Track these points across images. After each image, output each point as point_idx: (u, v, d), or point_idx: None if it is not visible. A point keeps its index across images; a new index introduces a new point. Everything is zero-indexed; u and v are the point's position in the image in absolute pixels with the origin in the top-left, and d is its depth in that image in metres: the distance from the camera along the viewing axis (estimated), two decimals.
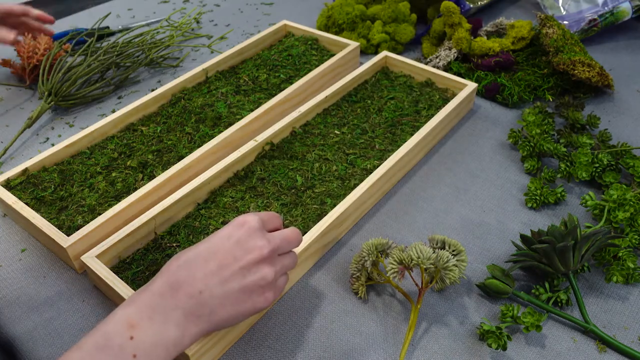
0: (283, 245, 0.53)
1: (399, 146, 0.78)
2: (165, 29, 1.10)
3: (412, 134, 0.81)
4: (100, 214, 0.67)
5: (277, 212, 0.69)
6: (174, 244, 0.65)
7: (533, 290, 0.61)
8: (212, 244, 0.50)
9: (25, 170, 0.73)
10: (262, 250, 0.50)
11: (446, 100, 0.88)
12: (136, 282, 0.61)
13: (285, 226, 0.67)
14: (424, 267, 0.55)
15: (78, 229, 0.65)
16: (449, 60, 0.97)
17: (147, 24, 1.16)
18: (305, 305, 0.62)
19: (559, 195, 0.72)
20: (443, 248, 0.60)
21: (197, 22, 1.18)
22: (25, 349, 0.58)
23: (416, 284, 0.59)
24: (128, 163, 0.76)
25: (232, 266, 0.49)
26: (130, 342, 0.44)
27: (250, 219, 0.51)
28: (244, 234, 0.50)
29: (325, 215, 0.67)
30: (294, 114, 0.81)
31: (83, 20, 1.20)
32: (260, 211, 0.63)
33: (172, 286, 0.47)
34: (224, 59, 0.95)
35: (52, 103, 0.89)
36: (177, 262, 0.49)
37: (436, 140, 0.83)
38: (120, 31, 1.13)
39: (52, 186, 0.72)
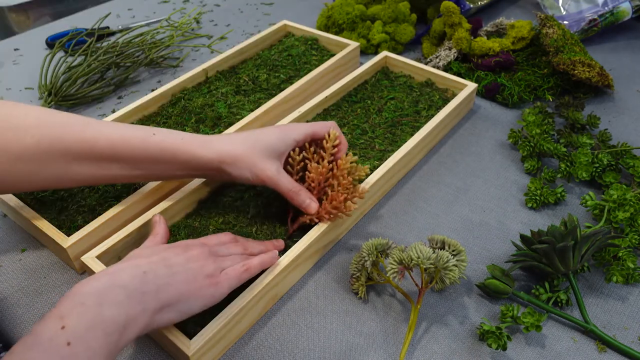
0: (223, 251, 0.57)
1: (399, 146, 0.78)
2: (165, 29, 1.10)
3: (412, 134, 0.81)
4: (100, 214, 0.67)
5: (277, 212, 0.69)
6: None
7: (533, 290, 0.61)
8: (156, 245, 0.56)
9: None
10: (202, 249, 0.55)
11: (446, 101, 0.88)
12: None
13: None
14: (424, 267, 0.55)
15: (78, 229, 0.65)
16: (449, 60, 0.97)
17: (147, 24, 1.16)
18: (305, 305, 0.62)
19: (559, 195, 0.72)
20: (443, 248, 0.60)
21: (197, 22, 1.18)
22: None
23: (416, 284, 0.59)
24: None
25: (176, 258, 0.52)
26: (62, 331, 0.42)
27: (196, 244, 0.56)
28: (182, 244, 0.56)
29: None
30: (294, 114, 0.81)
31: (83, 20, 1.20)
32: (254, 212, 0.66)
33: (109, 271, 0.48)
34: (224, 59, 0.95)
35: (52, 103, 0.89)
36: (121, 261, 0.51)
37: (436, 140, 0.83)
38: (120, 31, 1.13)
39: None
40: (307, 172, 0.65)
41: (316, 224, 0.64)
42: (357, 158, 0.64)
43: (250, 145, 0.61)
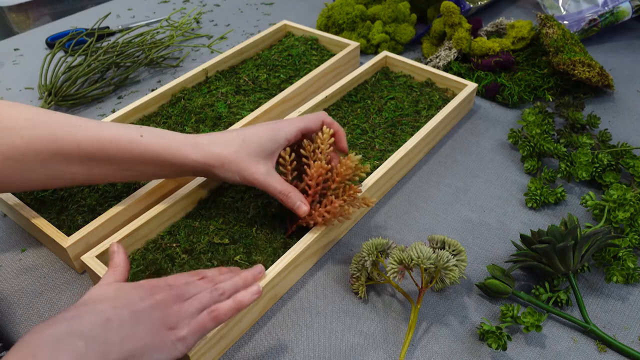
0: (190, 290, 0.51)
1: (399, 146, 0.78)
2: (165, 29, 1.10)
3: (412, 134, 0.81)
4: (100, 214, 0.67)
5: (277, 212, 0.69)
6: (174, 244, 0.65)
7: (533, 290, 0.61)
8: (119, 288, 0.49)
9: None
10: (168, 292, 0.49)
11: (446, 100, 0.88)
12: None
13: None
14: (424, 267, 0.55)
15: (78, 229, 0.65)
16: (449, 60, 0.97)
17: (147, 24, 1.16)
18: (305, 305, 0.62)
19: (559, 195, 0.72)
20: (443, 248, 0.60)
21: (197, 22, 1.18)
22: None
23: (416, 284, 0.59)
24: None
25: (140, 304, 0.47)
26: None
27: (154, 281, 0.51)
28: (151, 282, 0.50)
29: None
30: (294, 114, 0.81)
31: (83, 20, 1.20)
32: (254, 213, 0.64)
33: (67, 316, 0.43)
34: (224, 59, 0.95)
35: (52, 103, 0.89)
36: (82, 301, 0.47)
37: (436, 140, 0.83)
38: (120, 31, 1.13)
39: None
40: (306, 168, 0.64)
41: (314, 225, 0.64)
42: (360, 157, 0.63)
43: (239, 147, 0.60)
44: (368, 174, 0.70)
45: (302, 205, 0.62)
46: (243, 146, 0.60)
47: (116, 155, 0.58)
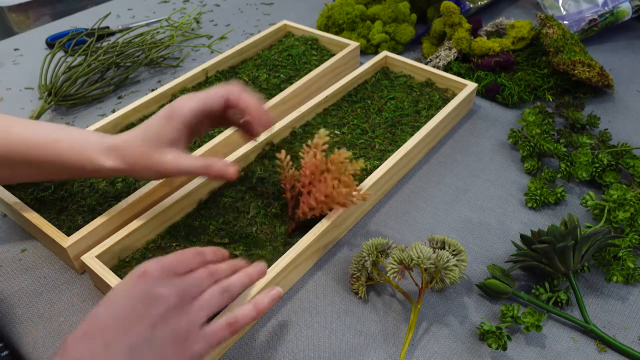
0: (192, 289, 0.45)
1: (399, 146, 0.78)
2: (165, 29, 1.10)
3: (412, 134, 0.81)
4: (100, 214, 0.67)
5: (277, 212, 0.69)
6: (174, 244, 0.65)
7: (533, 290, 0.61)
8: (110, 306, 0.43)
9: None
10: (168, 300, 0.43)
11: (446, 100, 0.88)
12: None
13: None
14: (424, 267, 0.55)
15: (78, 229, 0.65)
16: (449, 60, 0.97)
17: (147, 24, 1.16)
18: (305, 305, 0.62)
19: (559, 195, 0.72)
20: (443, 248, 0.60)
21: (197, 22, 1.18)
22: (26, 350, 0.58)
23: (416, 284, 0.59)
24: None
25: (137, 327, 0.41)
26: None
27: (150, 268, 0.44)
28: (144, 287, 0.43)
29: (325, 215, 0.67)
30: (294, 114, 0.81)
31: (83, 20, 1.20)
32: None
33: None
34: (224, 59, 0.95)
35: (52, 103, 0.89)
36: (74, 338, 0.41)
37: (436, 140, 0.83)
38: (120, 31, 1.13)
39: (52, 186, 0.72)
40: (301, 161, 0.65)
41: (315, 220, 0.64)
42: (350, 154, 0.62)
43: (142, 144, 0.57)
44: (366, 171, 0.70)
45: (229, 167, 0.58)
46: (145, 142, 0.57)
47: (32, 161, 0.59)
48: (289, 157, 0.66)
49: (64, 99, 0.91)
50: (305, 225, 0.65)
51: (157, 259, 0.46)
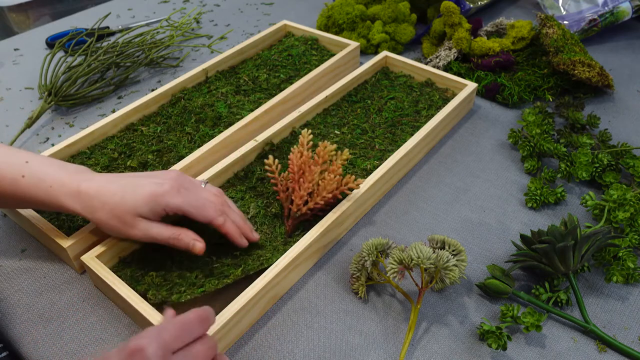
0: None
1: (399, 146, 0.78)
2: (165, 29, 1.10)
3: (412, 134, 0.81)
4: None
5: (277, 212, 0.69)
6: None
7: (533, 290, 0.61)
8: None
9: None
10: None
11: (446, 100, 0.88)
12: (136, 281, 0.61)
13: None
14: (424, 267, 0.55)
15: (78, 229, 0.65)
16: (449, 60, 0.97)
17: (147, 24, 1.16)
18: (305, 305, 0.62)
19: (559, 195, 0.72)
20: (443, 248, 0.60)
21: (197, 22, 1.18)
22: (26, 349, 0.58)
23: (416, 284, 0.59)
24: (128, 163, 0.76)
25: None
26: None
27: (148, 350, 0.39)
28: None
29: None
30: (294, 114, 0.81)
31: (83, 20, 1.20)
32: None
33: None
34: (224, 59, 0.95)
35: (52, 103, 0.89)
36: None
37: (436, 140, 0.83)
38: (120, 31, 1.13)
39: None
40: (288, 162, 0.67)
41: (315, 220, 0.64)
42: (335, 146, 0.65)
43: (115, 206, 0.57)
44: (368, 174, 0.70)
45: (196, 243, 0.59)
46: (119, 205, 0.57)
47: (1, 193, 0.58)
48: (277, 161, 0.67)
49: (64, 99, 0.91)
50: (305, 225, 0.65)
51: (158, 332, 0.41)
